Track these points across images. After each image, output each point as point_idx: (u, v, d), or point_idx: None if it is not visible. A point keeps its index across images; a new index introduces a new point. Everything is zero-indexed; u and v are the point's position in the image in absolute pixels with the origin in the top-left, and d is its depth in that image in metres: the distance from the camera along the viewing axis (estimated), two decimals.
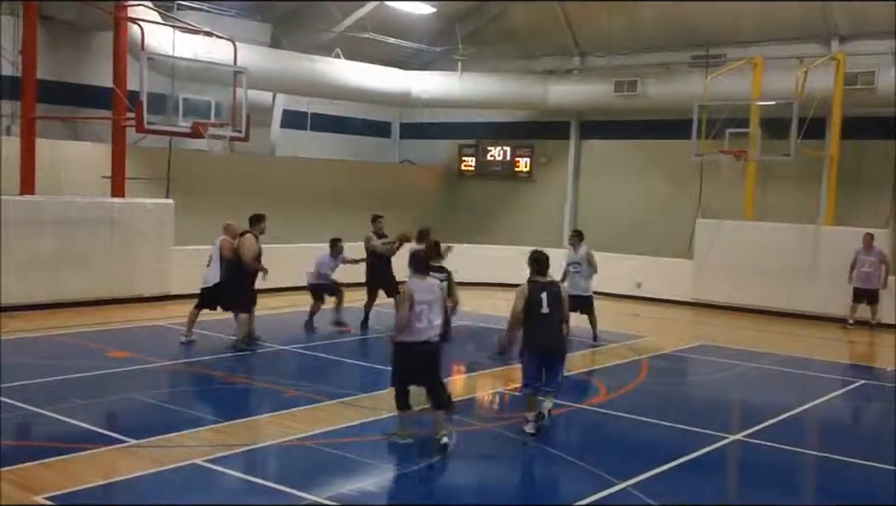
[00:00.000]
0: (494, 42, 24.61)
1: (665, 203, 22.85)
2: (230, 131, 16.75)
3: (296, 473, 8.10)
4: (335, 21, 22.24)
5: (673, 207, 22.44)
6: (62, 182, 17.35)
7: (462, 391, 12.00)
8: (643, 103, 22.15)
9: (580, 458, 8.76)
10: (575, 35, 23.84)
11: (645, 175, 23.36)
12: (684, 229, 21.14)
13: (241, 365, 12.82)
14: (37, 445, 8.68)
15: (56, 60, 18.42)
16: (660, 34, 22.19)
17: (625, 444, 9.73)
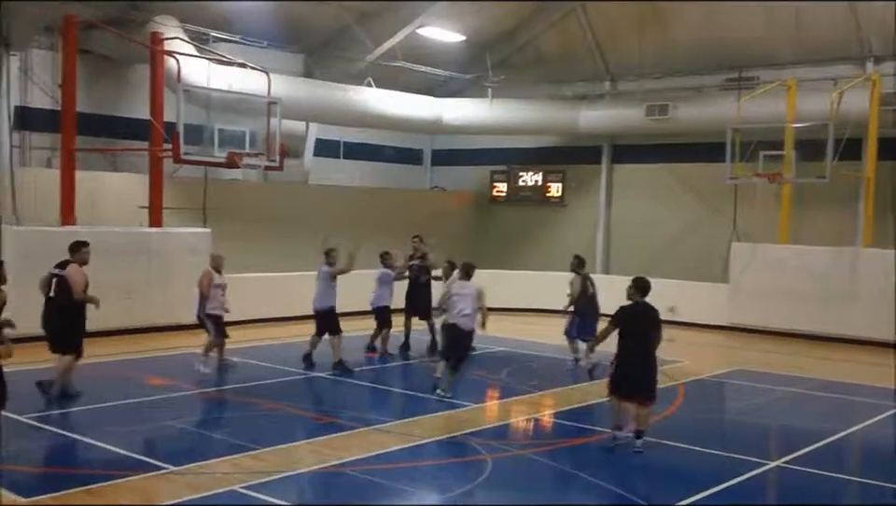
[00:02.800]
0: (524, 68, 24.74)
1: (699, 226, 22.76)
2: (264, 160, 16.95)
3: (332, 500, 8.14)
4: (366, 51, 22.46)
5: (706, 231, 22.35)
6: (101, 213, 17.60)
7: (496, 417, 12.01)
8: (675, 126, 22.13)
9: (616, 485, 8.73)
10: (606, 59, 23.91)
11: (678, 198, 23.29)
12: (718, 253, 21.03)
13: (276, 392, 12.89)
14: (80, 472, 8.79)
15: (94, 93, 18.75)
16: (691, 57, 22.18)
17: (663, 471, 9.66)
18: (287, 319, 18.05)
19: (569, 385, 14.01)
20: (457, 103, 24.44)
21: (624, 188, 24.64)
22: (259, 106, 17.26)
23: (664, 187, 23.61)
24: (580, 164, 25.21)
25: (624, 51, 23.21)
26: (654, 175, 23.85)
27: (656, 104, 22.24)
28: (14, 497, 7.77)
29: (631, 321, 9.98)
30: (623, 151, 24.68)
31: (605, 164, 24.90)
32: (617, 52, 23.54)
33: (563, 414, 11.97)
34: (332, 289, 14.48)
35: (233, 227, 19.27)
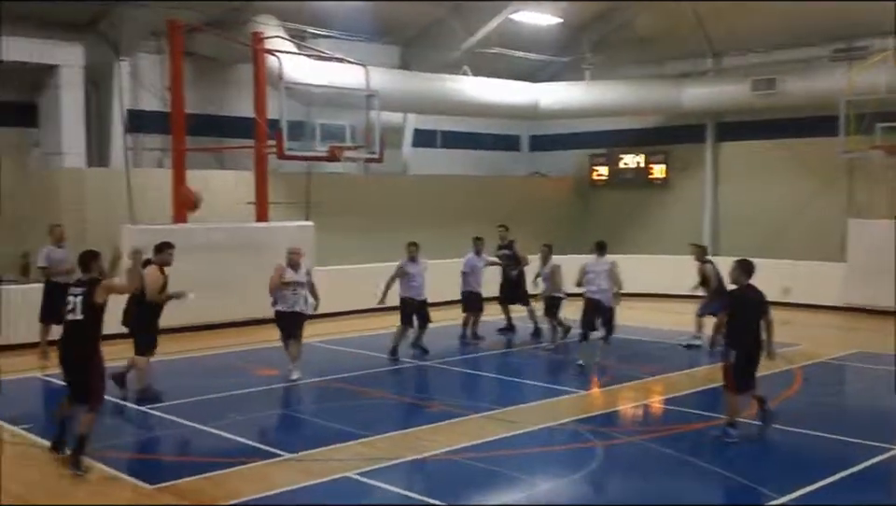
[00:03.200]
0: (622, 49, 24.34)
1: (811, 204, 22.03)
2: (365, 153, 17.15)
3: (446, 487, 8.19)
4: (461, 39, 22.47)
5: (820, 208, 21.63)
6: (210, 210, 18.07)
7: (605, 403, 11.90)
8: (783, 101, 21.45)
9: (735, 472, 8.54)
10: (708, 35, 23.34)
11: (788, 175, 22.58)
12: (833, 230, 20.36)
13: (384, 381, 13.06)
14: (198, 460, 9.08)
15: (200, 93, 19.25)
16: (797, 28, 21.43)
17: (782, 457, 9.42)
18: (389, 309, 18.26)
19: (678, 370, 13.79)
20: (555, 87, 24.23)
21: (731, 166, 24.04)
22: (358, 100, 17.47)
23: (772, 164, 22.93)
24: (683, 144, 24.67)
25: (728, 26, 22.60)
26: (762, 152, 23.19)
27: (762, 78, 21.59)
28: (138, 483, 8.07)
29: (744, 308, 9.66)
30: (729, 129, 24.07)
31: (709, 143, 24.32)
32: (720, 27, 22.92)
33: (674, 399, 11.77)
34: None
35: (335, 219, 19.56)
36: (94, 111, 18.54)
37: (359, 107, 17.39)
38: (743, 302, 9.70)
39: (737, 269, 9.86)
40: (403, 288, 14.48)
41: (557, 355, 15.00)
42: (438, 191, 23.04)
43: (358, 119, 17.31)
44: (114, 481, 8.20)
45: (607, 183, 25.90)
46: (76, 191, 17.32)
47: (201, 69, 19.52)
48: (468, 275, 16.00)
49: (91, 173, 17.88)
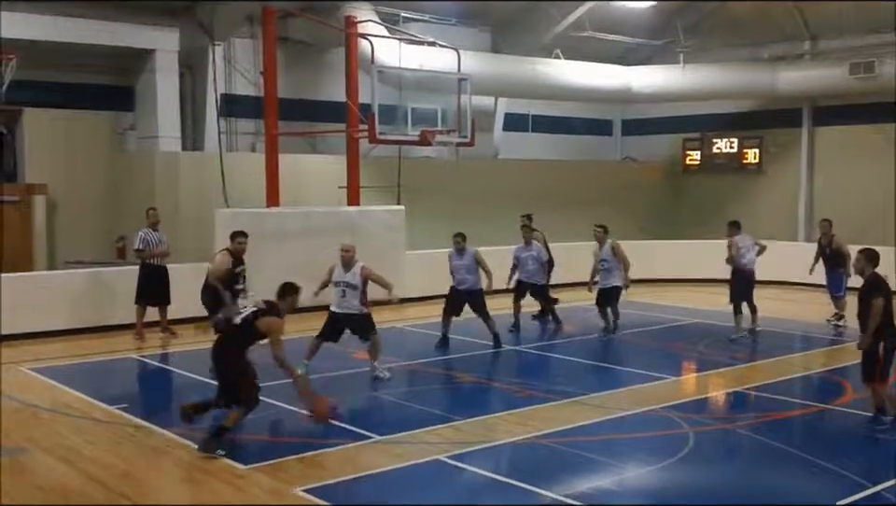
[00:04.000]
0: (716, 32, 23.88)
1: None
2: (456, 137, 17.18)
3: (535, 471, 8.18)
4: (553, 22, 22.32)
5: None
6: (302, 194, 18.36)
7: (697, 390, 11.77)
8: (882, 84, 20.77)
9: (828, 461, 8.36)
10: (805, 17, 22.71)
11: (887, 160, 21.85)
12: None
13: (474, 365, 13.11)
14: (291, 441, 9.26)
15: (293, 78, 19.53)
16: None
17: (876, 446, 9.19)
18: None
19: (771, 357, 13.53)
20: (647, 70, 23.91)
21: (827, 151, 23.39)
22: (450, 84, 17.47)
23: (871, 149, 22.23)
24: (778, 129, 24.10)
25: (824, 8, 21.97)
26: (860, 137, 22.50)
27: (861, 61, 20.97)
28: (232, 464, 8.28)
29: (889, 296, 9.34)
30: (826, 113, 23.41)
31: (805, 127, 23.70)
32: (816, 9, 22.30)
33: (765, 387, 11.55)
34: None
35: (426, 204, 19.67)
36: (189, 95, 19.00)
37: (451, 91, 17.40)
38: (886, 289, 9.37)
39: (863, 258, 9.60)
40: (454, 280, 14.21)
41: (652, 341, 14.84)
42: (529, 176, 22.94)
43: (450, 103, 17.33)
44: (207, 460, 8.40)
45: (700, 168, 25.45)
46: (170, 175, 17.78)
47: (294, 54, 19.80)
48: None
49: (185, 156, 18.33)
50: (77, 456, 8.51)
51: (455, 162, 22.10)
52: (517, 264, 15.50)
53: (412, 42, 18.95)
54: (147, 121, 18.34)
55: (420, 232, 18.81)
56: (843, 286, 15.70)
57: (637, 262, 15.47)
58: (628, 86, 23.50)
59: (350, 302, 11.70)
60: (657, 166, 26.17)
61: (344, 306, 11.76)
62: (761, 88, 23.07)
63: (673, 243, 22.44)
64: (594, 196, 23.48)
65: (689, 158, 25.66)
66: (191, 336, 14.08)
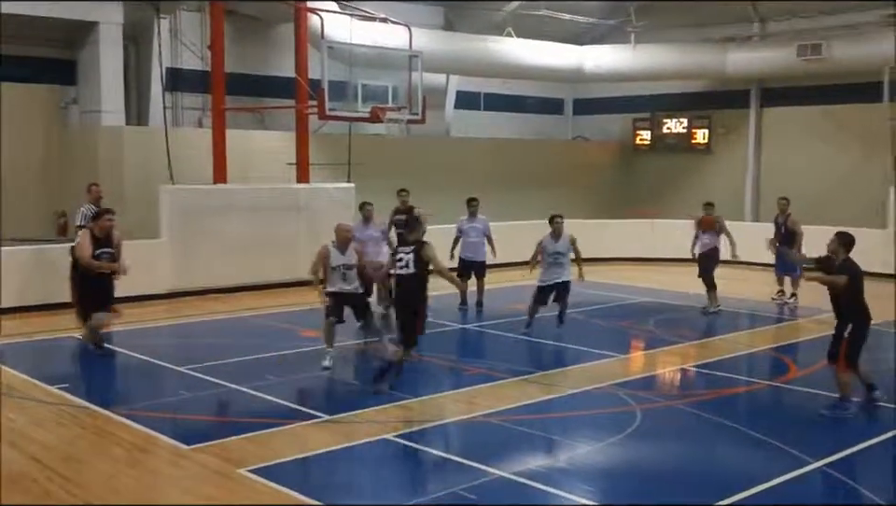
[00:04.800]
0: (667, 12, 23.95)
1: (855, 170, 21.69)
2: (407, 114, 17.05)
3: (483, 449, 8.16)
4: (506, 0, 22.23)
5: (863, 175, 21.30)
6: (250, 170, 18.11)
7: (644, 367, 11.83)
8: (829, 66, 21.08)
9: (771, 437, 8.44)
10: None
11: (832, 141, 22.22)
12: (875, 198, 20.02)
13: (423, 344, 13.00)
14: (238, 421, 9.13)
15: (241, 53, 19.23)
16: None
17: (819, 423, 9.30)
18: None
19: (718, 335, 13.67)
20: (599, 50, 23.96)
21: (775, 132, 23.68)
22: (401, 61, 17.36)
23: (817, 130, 22.56)
24: (727, 109, 24.35)
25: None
26: (806, 119, 22.82)
27: (808, 43, 21.21)
28: (176, 444, 8.14)
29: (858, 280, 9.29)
30: (773, 94, 23.69)
31: (753, 108, 23.97)
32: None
33: (712, 364, 11.66)
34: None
35: (377, 181, 19.49)
36: (133, 69, 18.63)
37: (402, 68, 17.28)
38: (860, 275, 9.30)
39: (836, 241, 9.42)
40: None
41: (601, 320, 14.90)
42: (480, 154, 22.92)
43: (401, 79, 17.20)
44: (151, 440, 8.27)
45: (650, 147, 25.62)
46: (114, 150, 17.42)
47: (242, 27, 19.48)
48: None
49: (129, 131, 17.97)
50: (21, 437, 8.31)
51: (405, 140, 21.95)
52: (459, 236, 15.40)
53: (363, 18, 18.76)
54: (90, 95, 17.92)
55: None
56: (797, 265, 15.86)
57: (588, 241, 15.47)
58: (580, 65, 23.52)
59: (352, 282, 11.29)
60: (608, 146, 26.28)
61: (348, 287, 11.29)
62: (710, 69, 23.24)
63: (623, 222, 22.55)
64: (545, 175, 23.54)
65: (639, 137, 25.82)
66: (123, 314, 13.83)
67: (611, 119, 26.45)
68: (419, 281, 10.17)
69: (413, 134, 21.79)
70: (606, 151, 26.17)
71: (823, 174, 22.17)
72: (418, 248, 10.18)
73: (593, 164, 25.40)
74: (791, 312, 15.50)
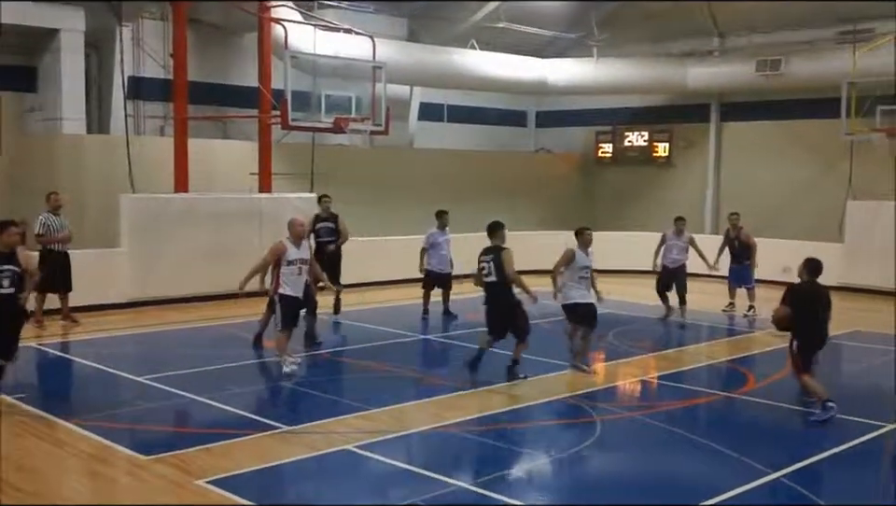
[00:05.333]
0: (629, 26, 24.20)
1: (813, 184, 21.99)
2: (370, 125, 17.06)
3: (445, 460, 8.20)
4: (470, 13, 22.33)
5: (821, 189, 21.61)
6: (212, 180, 18.01)
7: (605, 379, 11.89)
8: (787, 82, 21.39)
9: (729, 448, 8.53)
10: (714, 14, 23.17)
11: (791, 156, 22.53)
12: (833, 211, 20.36)
13: (386, 354, 13.04)
14: (197, 431, 9.08)
15: (204, 62, 19.10)
16: (803, 10, 21.26)
17: (777, 434, 9.43)
18: (395, 283, 18.23)
19: (678, 347, 13.79)
20: (562, 63, 24.12)
21: (734, 146, 23.97)
22: (365, 71, 17.37)
23: (775, 144, 22.87)
24: (687, 123, 24.60)
25: (733, 6, 22.42)
26: (766, 133, 23.13)
27: (767, 59, 21.51)
28: (134, 455, 8.06)
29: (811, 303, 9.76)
30: (733, 109, 23.98)
31: (714, 123, 24.24)
32: (726, 7, 22.75)
33: (672, 376, 11.78)
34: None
35: (339, 191, 19.44)
36: (95, 77, 18.42)
37: (365, 79, 17.29)
38: (810, 298, 9.78)
39: (801, 267, 9.92)
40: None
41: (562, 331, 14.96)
42: (443, 165, 22.96)
43: (364, 90, 17.21)
44: (108, 450, 8.19)
45: (611, 160, 25.82)
46: (74, 158, 17.20)
47: (205, 37, 19.37)
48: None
49: (90, 139, 17.77)
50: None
51: (369, 150, 21.97)
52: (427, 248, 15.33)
53: (327, 28, 18.73)
54: (51, 103, 17.68)
55: None
56: (751, 277, 16.15)
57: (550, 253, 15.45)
58: (544, 78, 23.68)
59: (304, 278, 11.27)
60: (570, 158, 26.45)
61: (300, 286, 11.16)
62: (671, 83, 23.50)
63: None
64: (508, 186, 23.63)
65: (601, 150, 26.00)
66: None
67: (574, 131, 26.62)
68: (504, 287, 10.76)
69: (377, 145, 21.81)
70: (568, 164, 26.34)
71: (782, 187, 22.49)
72: (497, 254, 10.76)
73: (555, 176, 25.55)
74: (750, 324, 15.68)
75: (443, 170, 22.73)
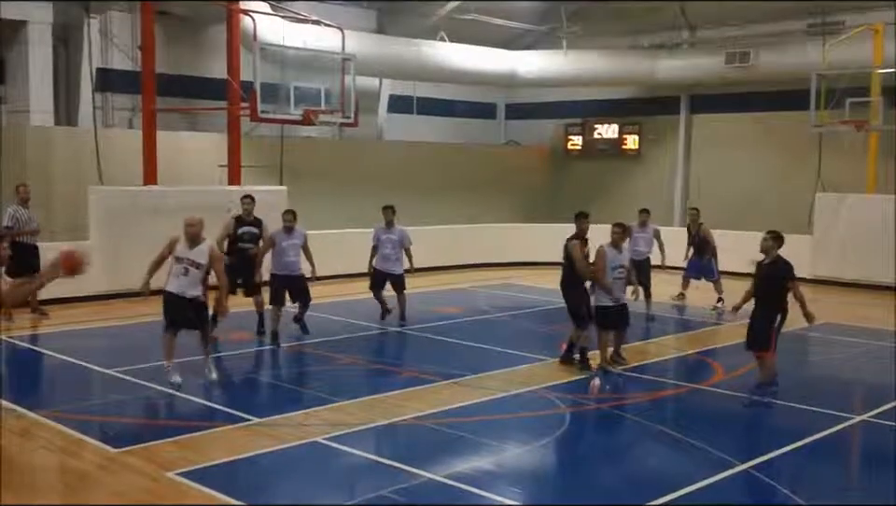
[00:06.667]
0: (599, 18, 24.31)
1: (782, 177, 22.24)
2: (339, 117, 17.03)
3: (413, 452, 8.22)
4: (439, 5, 22.34)
5: (790, 181, 21.84)
6: (181, 172, 17.90)
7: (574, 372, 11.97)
8: (756, 74, 21.57)
9: (698, 439, 8.62)
10: (683, 7, 23.31)
11: (760, 148, 22.76)
12: (802, 203, 20.58)
13: (356, 347, 13.06)
14: (166, 424, 9.06)
15: (172, 54, 19.00)
16: (772, 3, 21.45)
17: (745, 425, 9.56)
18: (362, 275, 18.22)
19: (646, 340, 13.89)
20: (531, 55, 24.19)
21: (704, 139, 24.17)
22: (334, 63, 17.31)
23: (745, 137, 23.08)
24: (657, 116, 24.78)
25: None
26: (735, 125, 23.34)
27: (736, 51, 21.69)
28: (104, 447, 8.04)
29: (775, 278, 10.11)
30: (702, 101, 24.18)
31: (683, 115, 24.43)
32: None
33: (640, 368, 11.85)
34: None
35: (309, 184, 19.46)
36: (63, 69, 18.28)
37: (335, 71, 17.24)
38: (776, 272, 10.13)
39: (769, 240, 10.27)
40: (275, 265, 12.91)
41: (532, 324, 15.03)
42: (412, 158, 22.98)
43: (334, 82, 17.15)
44: (78, 443, 8.16)
45: (581, 153, 25.94)
46: (42, 150, 17.07)
47: (173, 28, 19.25)
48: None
49: (58, 131, 17.64)
50: None
51: (338, 143, 21.94)
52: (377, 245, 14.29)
53: (296, 20, 18.66)
54: (18, 95, 17.55)
55: (303, 214, 18.53)
56: (715, 270, 16.30)
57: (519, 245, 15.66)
58: (513, 70, 23.72)
59: (192, 283, 10.19)
60: (540, 151, 26.54)
61: (183, 289, 10.20)
62: (640, 75, 23.63)
63: (552, 226, 22.74)
64: (477, 179, 23.70)
65: (571, 143, 26.13)
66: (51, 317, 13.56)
67: (543, 124, 26.72)
68: (574, 273, 11.31)
69: (346, 138, 21.79)
70: (538, 156, 26.43)
71: (751, 180, 22.70)
72: (565, 246, 11.44)
73: (525, 169, 25.63)
74: (719, 316, 15.79)
75: (413, 162, 22.75)
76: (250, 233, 13.06)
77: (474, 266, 20.91)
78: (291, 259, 12.86)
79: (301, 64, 17.36)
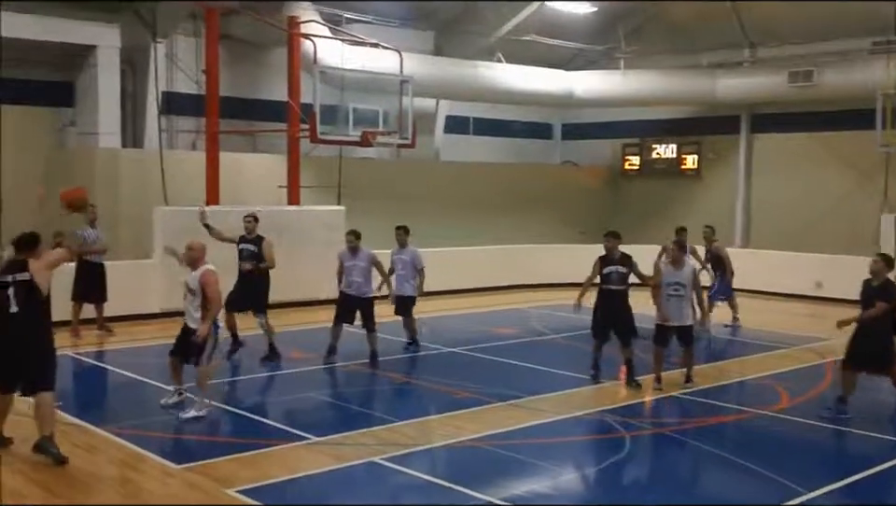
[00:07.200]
0: (657, 38, 24.17)
1: (846, 197, 21.79)
2: (397, 138, 17.19)
3: (470, 474, 8.21)
4: (496, 26, 22.42)
5: (855, 202, 21.40)
6: (242, 193, 18.19)
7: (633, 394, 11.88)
8: (820, 93, 21.23)
9: (762, 466, 8.46)
10: (744, 25, 23.08)
11: (823, 168, 22.36)
12: (868, 225, 20.15)
13: (412, 367, 13.12)
14: (227, 441, 9.18)
15: (235, 77, 19.36)
16: (836, 20, 21.14)
17: (811, 453, 9.37)
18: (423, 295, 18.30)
19: (708, 362, 13.70)
20: (589, 75, 24.12)
21: (765, 158, 23.82)
22: (392, 85, 17.51)
23: (808, 156, 22.70)
24: (717, 135, 24.50)
25: (764, 16, 22.33)
26: (797, 145, 22.96)
27: (799, 70, 21.37)
28: (165, 463, 8.18)
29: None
30: (764, 120, 23.85)
31: (744, 134, 24.12)
32: (756, 17, 22.66)
33: (702, 392, 11.67)
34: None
35: (366, 204, 19.60)
36: (130, 92, 18.70)
37: (392, 93, 17.43)
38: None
39: (879, 262, 10.62)
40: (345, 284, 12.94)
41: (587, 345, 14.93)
42: (469, 178, 23.04)
43: (391, 104, 17.35)
44: (139, 458, 8.31)
45: (638, 173, 25.78)
46: (110, 172, 17.49)
47: (236, 52, 19.62)
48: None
49: (125, 153, 18.05)
50: (14, 456, 8.32)
51: (395, 163, 22.10)
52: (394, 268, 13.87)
53: (354, 43, 18.91)
54: (87, 118, 18.00)
55: (362, 232, 18.72)
56: (728, 288, 16.33)
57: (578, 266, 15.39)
58: (570, 90, 23.69)
59: (191, 309, 9.88)
60: (597, 171, 26.42)
61: (187, 315, 10.00)
62: (700, 94, 23.41)
63: None
64: (534, 199, 23.67)
65: (628, 163, 25.98)
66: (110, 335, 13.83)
67: (600, 144, 26.60)
68: (626, 293, 11.92)
69: (403, 158, 21.93)
70: (594, 176, 26.30)
71: (814, 200, 22.31)
72: (623, 262, 11.89)
73: (581, 189, 25.53)
74: (734, 332, 15.85)
75: (469, 183, 22.81)
76: (248, 251, 13.08)
77: (530, 286, 20.87)
78: (356, 279, 12.84)
79: (359, 87, 17.59)
